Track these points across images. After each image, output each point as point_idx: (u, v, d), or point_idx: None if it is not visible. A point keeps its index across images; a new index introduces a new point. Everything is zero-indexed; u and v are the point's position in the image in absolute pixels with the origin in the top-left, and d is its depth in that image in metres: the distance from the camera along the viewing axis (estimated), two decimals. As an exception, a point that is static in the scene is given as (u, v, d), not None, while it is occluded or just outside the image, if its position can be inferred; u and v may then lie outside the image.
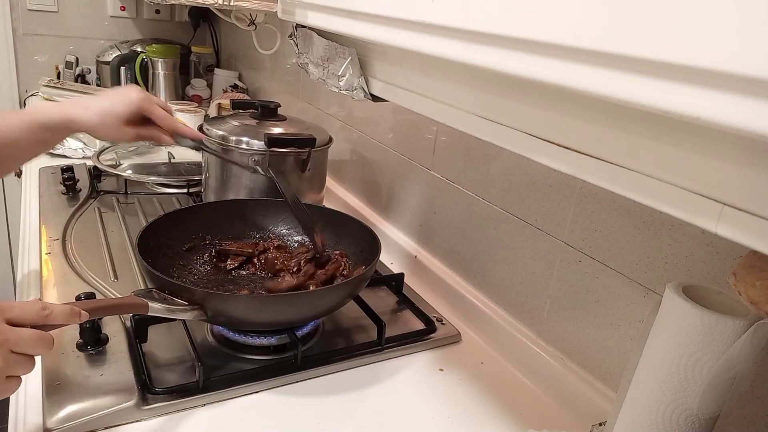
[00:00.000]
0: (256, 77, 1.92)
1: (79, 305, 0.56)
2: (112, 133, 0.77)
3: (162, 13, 2.14)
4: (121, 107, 0.76)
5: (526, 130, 0.41)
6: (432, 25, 0.41)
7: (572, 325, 0.72)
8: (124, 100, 0.77)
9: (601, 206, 0.67)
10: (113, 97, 0.78)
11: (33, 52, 2.02)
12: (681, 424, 0.45)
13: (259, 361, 0.73)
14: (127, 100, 0.77)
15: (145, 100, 0.78)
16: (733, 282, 0.37)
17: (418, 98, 0.56)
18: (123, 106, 0.76)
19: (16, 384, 0.50)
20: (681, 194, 0.31)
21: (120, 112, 0.76)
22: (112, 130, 0.77)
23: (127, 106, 0.77)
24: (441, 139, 0.95)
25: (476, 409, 0.70)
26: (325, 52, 0.67)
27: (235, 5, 1.11)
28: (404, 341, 0.80)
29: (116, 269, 0.92)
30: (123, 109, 0.76)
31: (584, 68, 0.30)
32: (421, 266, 1.00)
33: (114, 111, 0.76)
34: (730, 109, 0.24)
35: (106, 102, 0.76)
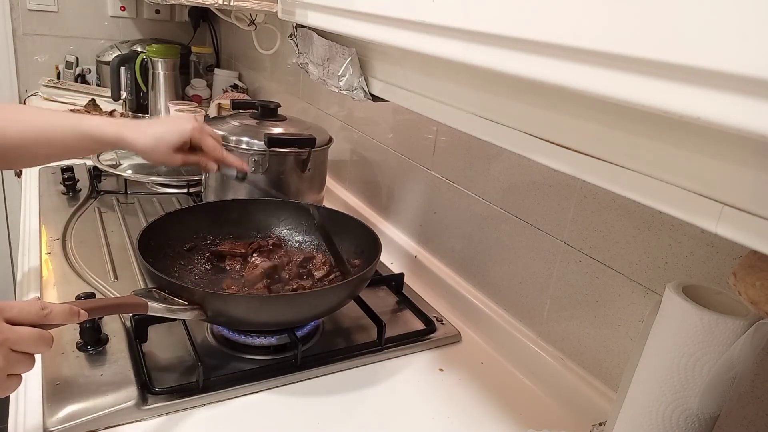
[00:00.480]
0: (256, 77, 1.92)
1: (79, 305, 0.56)
2: (161, 158, 0.81)
3: (162, 13, 2.14)
4: (175, 136, 0.80)
5: (526, 130, 0.41)
6: (432, 25, 0.41)
7: (572, 325, 0.72)
8: (179, 130, 0.80)
9: (601, 206, 0.66)
10: (168, 125, 0.81)
11: (33, 52, 2.02)
12: (681, 424, 0.45)
13: (259, 361, 0.73)
14: (181, 129, 0.80)
15: (197, 130, 0.81)
16: (733, 282, 0.37)
17: (418, 98, 0.56)
18: (177, 136, 0.80)
19: (17, 382, 0.51)
20: (681, 194, 0.31)
21: (173, 141, 0.79)
22: (162, 155, 0.80)
23: (180, 136, 0.80)
24: (441, 139, 0.95)
25: (476, 409, 0.70)
26: (325, 52, 0.67)
27: (235, 5, 1.11)
28: (404, 341, 0.80)
29: (116, 269, 0.92)
30: (176, 139, 0.80)
31: (584, 68, 0.30)
32: (421, 266, 1.00)
33: (167, 139, 0.79)
34: (730, 109, 0.24)
35: (160, 129, 0.80)
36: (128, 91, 1.76)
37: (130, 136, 0.78)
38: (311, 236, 0.93)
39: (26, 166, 1.17)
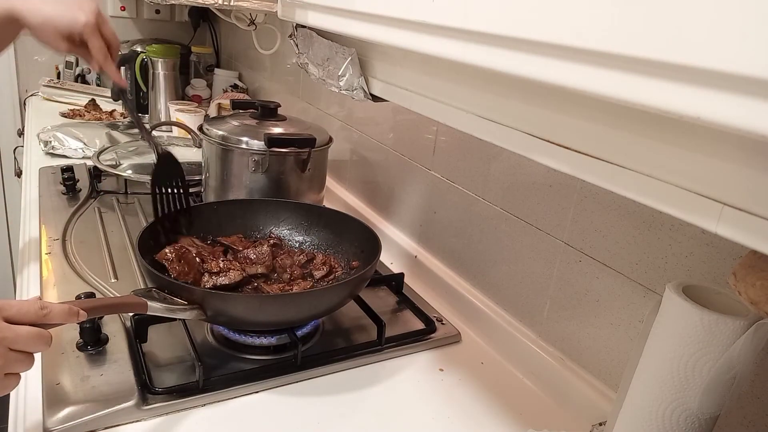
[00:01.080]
0: (256, 77, 1.92)
1: (78, 304, 0.56)
2: (47, 40, 0.77)
3: (162, 13, 2.14)
4: (64, 23, 0.76)
5: (526, 130, 0.41)
6: (432, 25, 0.41)
7: (572, 325, 0.72)
8: (70, 18, 0.76)
9: (601, 206, 0.66)
10: (64, 8, 0.77)
11: (33, 52, 2.02)
12: (681, 424, 0.45)
13: (259, 361, 0.73)
14: (72, 18, 0.76)
15: (89, 26, 0.77)
16: (733, 282, 0.37)
17: (418, 98, 0.56)
18: (66, 23, 0.76)
19: (15, 381, 0.51)
20: (681, 194, 0.31)
21: (61, 28, 0.76)
22: (48, 37, 0.77)
23: (70, 24, 0.76)
24: (441, 139, 0.95)
25: (476, 409, 0.70)
26: (325, 52, 0.67)
27: (235, 5, 1.11)
28: (404, 341, 0.80)
29: (116, 269, 0.92)
30: (65, 26, 0.76)
31: (584, 68, 0.30)
32: (421, 266, 1.00)
33: (56, 23, 0.76)
34: (730, 109, 0.24)
35: (54, 10, 0.76)
36: (128, 91, 1.76)
37: (22, 9, 0.75)
38: (311, 236, 0.93)
39: None
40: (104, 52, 0.80)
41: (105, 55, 0.80)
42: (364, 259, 0.84)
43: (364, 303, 0.83)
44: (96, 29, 0.79)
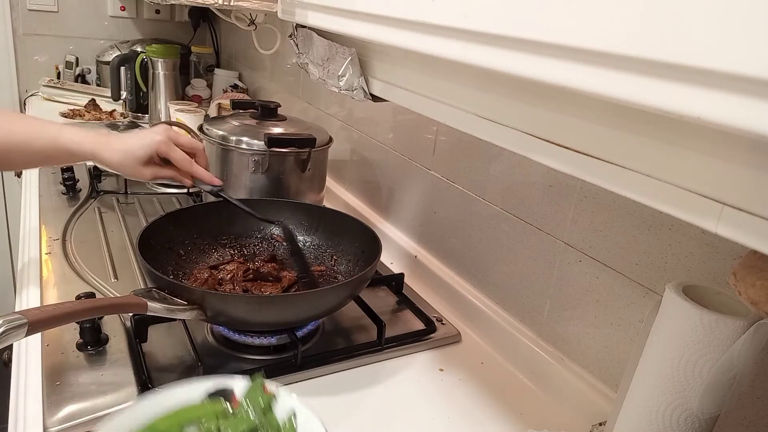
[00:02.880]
0: (256, 77, 1.92)
1: (79, 305, 0.56)
2: (131, 171, 0.80)
3: (162, 13, 2.14)
4: (141, 151, 0.79)
5: (526, 130, 0.41)
6: (432, 25, 0.41)
7: (572, 325, 0.72)
8: (144, 143, 0.79)
9: (601, 206, 0.66)
10: (137, 138, 0.81)
11: (33, 52, 2.02)
12: (681, 424, 0.45)
13: (259, 361, 0.73)
14: (147, 142, 0.79)
15: (163, 143, 0.80)
16: (733, 282, 0.37)
17: (418, 98, 0.56)
18: (142, 150, 0.79)
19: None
20: (681, 194, 0.31)
21: (139, 155, 0.79)
22: (131, 169, 0.80)
23: (145, 149, 0.79)
24: (441, 139, 0.95)
25: (476, 409, 0.70)
26: (325, 52, 0.67)
27: (235, 5, 1.11)
28: (404, 341, 0.80)
29: (116, 269, 0.92)
30: (142, 152, 0.79)
31: (584, 68, 0.30)
32: (421, 266, 1.00)
33: (133, 153, 0.79)
34: (730, 109, 0.24)
35: (128, 143, 0.80)
36: (128, 91, 1.76)
37: (102, 151, 0.79)
38: (311, 236, 0.93)
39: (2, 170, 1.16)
40: (187, 159, 0.82)
41: (189, 161, 0.83)
42: (365, 260, 0.84)
43: (364, 303, 0.83)
44: (170, 143, 0.81)
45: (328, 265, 0.90)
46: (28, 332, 0.54)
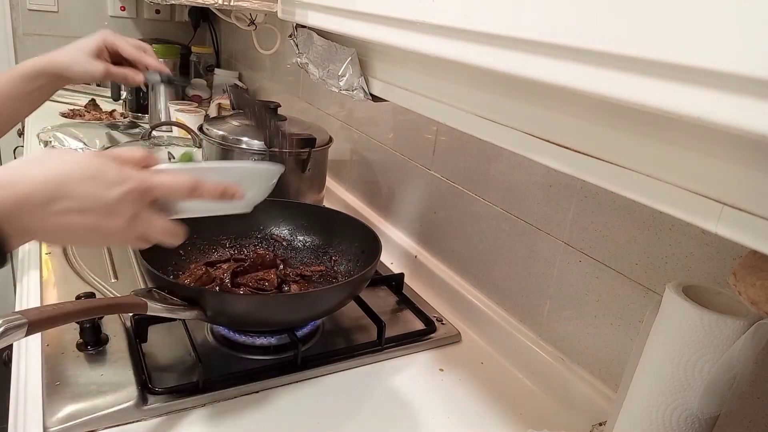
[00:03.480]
0: (256, 77, 1.92)
1: (79, 305, 0.56)
2: (82, 67, 0.82)
3: (162, 13, 2.14)
4: (87, 43, 0.83)
5: (526, 130, 0.41)
6: (432, 25, 0.41)
7: (572, 325, 0.72)
8: (90, 37, 0.83)
9: (601, 206, 0.66)
10: (82, 39, 0.84)
11: (33, 52, 2.00)
12: (681, 424, 0.45)
13: (259, 361, 0.73)
14: (92, 36, 0.83)
15: (108, 33, 0.84)
16: (733, 282, 0.37)
17: (418, 98, 0.56)
18: (88, 42, 0.83)
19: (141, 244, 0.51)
20: (681, 194, 0.31)
21: (87, 47, 0.82)
22: (83, 64, 0.82)
23: (93, 40, 0.83)
24: (441, 139, 0.95)
25: (476, 409, 0.70)
26: (325, 52, 0.67)
27: (235, 5, 1.11)
28: (404, 341, 0.80)
29: (116, 269, 0.92)
30: (89, 43, 0.82)
31: (584, 68, 0.30)
32: (421, 266, 1.00)
33: (82, 46, 0.82)
34: (730, 109, 0.24)
35: (74, 43, 0.83)
36: (128, 91, 1.76)
37: (51, 56, 0.82)
38: (311, 236, 0.93)
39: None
40: (136, 48, 0.85)
41: (138, 50, 0.85)
42: (365, 259, 0.84)
43: (364, 303, 0.83)
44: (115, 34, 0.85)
45: (328, 265, 0.90)
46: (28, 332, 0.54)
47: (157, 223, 0.48)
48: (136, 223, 0.46)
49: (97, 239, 0.45)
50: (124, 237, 0.47)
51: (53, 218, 0.41)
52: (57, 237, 0.43)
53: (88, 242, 0.46)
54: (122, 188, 0.43)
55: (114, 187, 0.43)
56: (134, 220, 0.45)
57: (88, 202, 0.42)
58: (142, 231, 0.47)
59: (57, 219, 0.41)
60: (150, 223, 0.48)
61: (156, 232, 0.48)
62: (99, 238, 0.45)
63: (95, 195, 0.42)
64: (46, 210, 0.40)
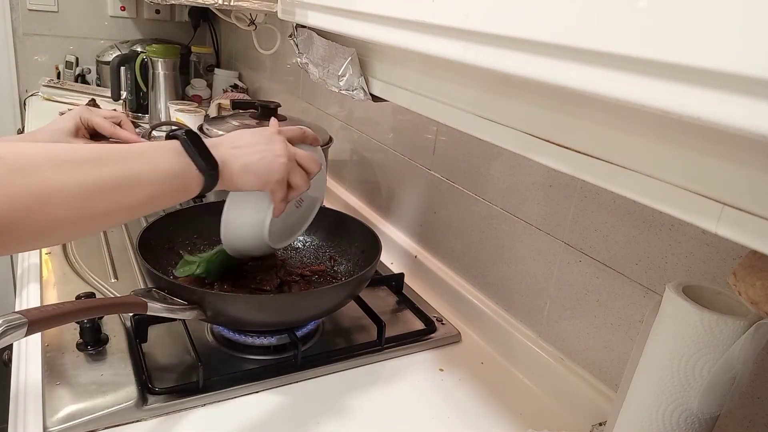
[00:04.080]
0: (256, 77, 1.92)
1: (79, 305, 0.56)
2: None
3: (162, 13, 2.14)
4: (66, 122, 0.85)
5: (526, 130, 0.41)
6: (432, 25, 0.41)
7: (572, 325, 0.72)
8: (66, 115, 0.87)
9: (601, 206, 0.66)
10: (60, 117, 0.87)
11: (33, 52, 2.02)
12: (681, 424, 0.45)
13: (259, 361, 0.73)
14: (68, 114, 0.87)
15: (83, 110, 0.87)
16: (733, 282, 0.37)
17: (418, 98, 0.56)
18: (66, 121, 0.85)
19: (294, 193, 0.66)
20: (681, 194, 0.31)
21: (66, 128, 0.85)
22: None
23: (69, 120, 0.86)
24: (441, 139, 0.95)
25: (476, 409, 0.70)
26: (325, 52, 0.67)
27: (235, 5, 1.11)
28: (404, 341, 0.80)
29: (116, 269, 0.92)
30: (67, 124, 0.85)
31: (585, 68, 0.30)
32: (421, 266, 1.00)
33: (60, 128, 0.85)
34: (730, 109, 0.24)
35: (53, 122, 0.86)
36: (128, 91, 1.76)
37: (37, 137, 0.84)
38: (311, 236, 0.93)
39: None
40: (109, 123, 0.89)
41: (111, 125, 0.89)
42: (365, 260, 0.84)
43: (364, 303, 0.83)
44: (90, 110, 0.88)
45: (328, 265, 0.90)
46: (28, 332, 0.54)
47: (300, 152, 0.65)
48: (288, 148, 0.63)
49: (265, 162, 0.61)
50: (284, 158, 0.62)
51: (235, 150, 0.59)
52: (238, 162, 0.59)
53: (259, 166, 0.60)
54: (272, 131, 0.64)
55: (267, 132, 0.64)
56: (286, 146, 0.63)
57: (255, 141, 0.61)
58: (293, 153, 0.64)
59: (237, 151, 0.60)
60: (296, 152, 0.64)
61: (301, 157, 0.65)
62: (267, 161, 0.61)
63: (259, 137, 0.62)
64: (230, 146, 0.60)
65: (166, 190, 0.53)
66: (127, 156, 0.50)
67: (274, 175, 0.61)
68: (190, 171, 0.54)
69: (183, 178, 0.54)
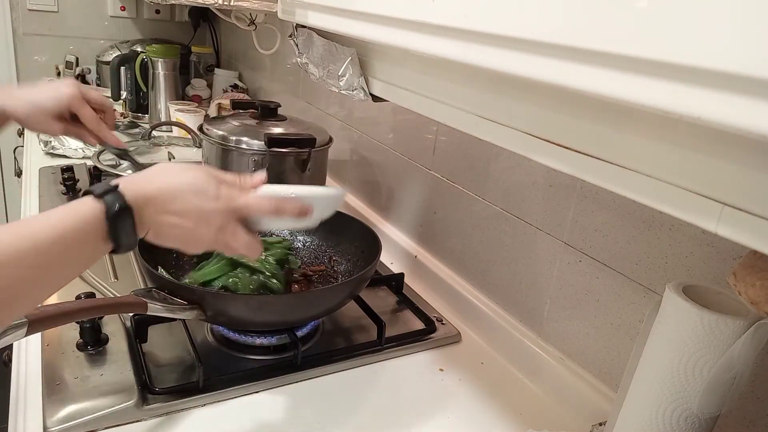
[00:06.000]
0: (256, 77, 1.92)
1: (79, 305, 0.56)
2: (40, 126, 0.77)
3: (162, 13, 2.14)
4: (51, 103, 0.76)
5: (526, 130, 0.41)
6: (432, 25, 0.41)
7: (572, 325, 0.72)
8: (55, 95, 0.76)
9: (601, 206, 0.66)
10: (46, 90, 0.77)
11: (33, 52, 2.02)
12: (681, 424, 0.45)
13: (259, 361, 0.73)
14: (57, 95, 0.76)
15: (75, 97, 0.77)
16: (733, 282, 0.37)
17: (418, 98, 0.56)
18: (52, 102, 0.76)
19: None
20: (681, 194, 0.31)
21: (49, 108, 0.76)
22: (40, 123, 0.76)
23: (56, 102, 0.76)
24: (441, 139, 0.95)
25: (476, 409, 0.70)
26: (325, 52, 0.67)
27: (235, 5, 1.11)
28: (404, 341, 0.80)
29: (116, 269, 0.92)
30: (52, 105, 0.76)
31: (584, 68, 0.30)
32: (421, 266, 1.00)
33: (43, 105, 0.75)
34: (730, 109, 0.24)
35: (37, 95, 0.76)
36: (128, 91, 1.76)
37: (7, 102, 0.74)
38: (311, 236, 0.93)
39: None
40: (96, 119, 0.80)
41: (98, 121, 0.80)
42: (365, 260, 0.84)
43: (364, 303, 0.83)
44: (82, 99, 0.78)
45: (328, 266, 0.90)
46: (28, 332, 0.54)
47: (241, 236, 0.54)
48: (224, 234, 0.53)
49: (190, 242, 0.53)
50: (211, 243, 0.54)
51: (165, 216, 0.50)
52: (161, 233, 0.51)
53: (183, 243, 0.53)
54: (217, 204, 0.52)
55: (211, 202, 0.52)
56: (222, 231, 0.53)
57: (190, 208, 0.51)
58: (227, 241, 0.54)
59: (167, 218, 0.50)
60: (235, 236, 0.54)
61: (238, 243, 0.54)
62: (192, 242, 0.53)
63: (196, 205, 0.51)
64: (163, 209, 0.50)
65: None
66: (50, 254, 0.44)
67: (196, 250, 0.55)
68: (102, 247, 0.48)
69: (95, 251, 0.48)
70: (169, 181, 0.51)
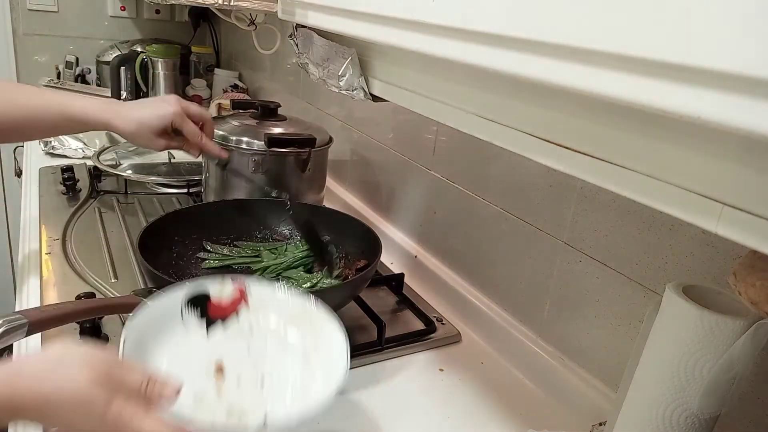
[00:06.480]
0: (256, 77, 1.92)
1: (79, 305, 0.56)
2: (144, 142, 0.82)
3: (162, 13, 2.14)
4: (156, 121, 0.80)
5: (526, 130, 0.41)
6: (432, 25, 0.41)
7: (572, 325, 0.72)
8: (159, 113, 0.80)
9: (601, 206, 0.66)
10: (151, 108, 0.81)
11: (33, 52, 2.02)
12: (681, 424, 0.45)
13: (259, 361, 0.73)
14: (162, 113, 0.81)
15: (177, 114, 0.81)
16: (733, 282, 0.37)
17: (418, 98, 0.56)
18: (157, 120, 0.80)
19: None
20: (681, 194, 0.31)
21: (154, 126, 0.80)
22: (145, 139, 0.81)
23: (161, 121, 0.80)
24: (441, 139, 0.95)
25: (476, 409, 0.70)
26: (325, 52, 0.67)
27: (235, 5, 1.11)
28: (404, 341, 0.80)
29: (116, 269, 0.92)
30: (157, 123, 0.80)
31: (585, 68, 0.30)
32: (421, 266, 1.00)
33: (148, 123, 0.80)
34: (730, 109, 0.24)
35: (143, 113, 0.80)
36: (128, 91, 1.76)
37: (115, 120, 0.79)
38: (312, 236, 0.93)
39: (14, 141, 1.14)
40: (198, 133, 0.84)
41: (199, 134, 0.85)
42: (365, 260, 0.84)
43: (364, 303, 0.83)
44: (184, 115, 0.83)
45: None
46: (28, 332, 0.55)
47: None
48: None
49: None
50: None
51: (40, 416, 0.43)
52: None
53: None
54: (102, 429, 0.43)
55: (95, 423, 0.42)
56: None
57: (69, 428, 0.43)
58: None
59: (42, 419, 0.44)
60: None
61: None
62: None
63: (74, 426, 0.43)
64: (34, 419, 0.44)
65: None
66: None
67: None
68: None
69: None
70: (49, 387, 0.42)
